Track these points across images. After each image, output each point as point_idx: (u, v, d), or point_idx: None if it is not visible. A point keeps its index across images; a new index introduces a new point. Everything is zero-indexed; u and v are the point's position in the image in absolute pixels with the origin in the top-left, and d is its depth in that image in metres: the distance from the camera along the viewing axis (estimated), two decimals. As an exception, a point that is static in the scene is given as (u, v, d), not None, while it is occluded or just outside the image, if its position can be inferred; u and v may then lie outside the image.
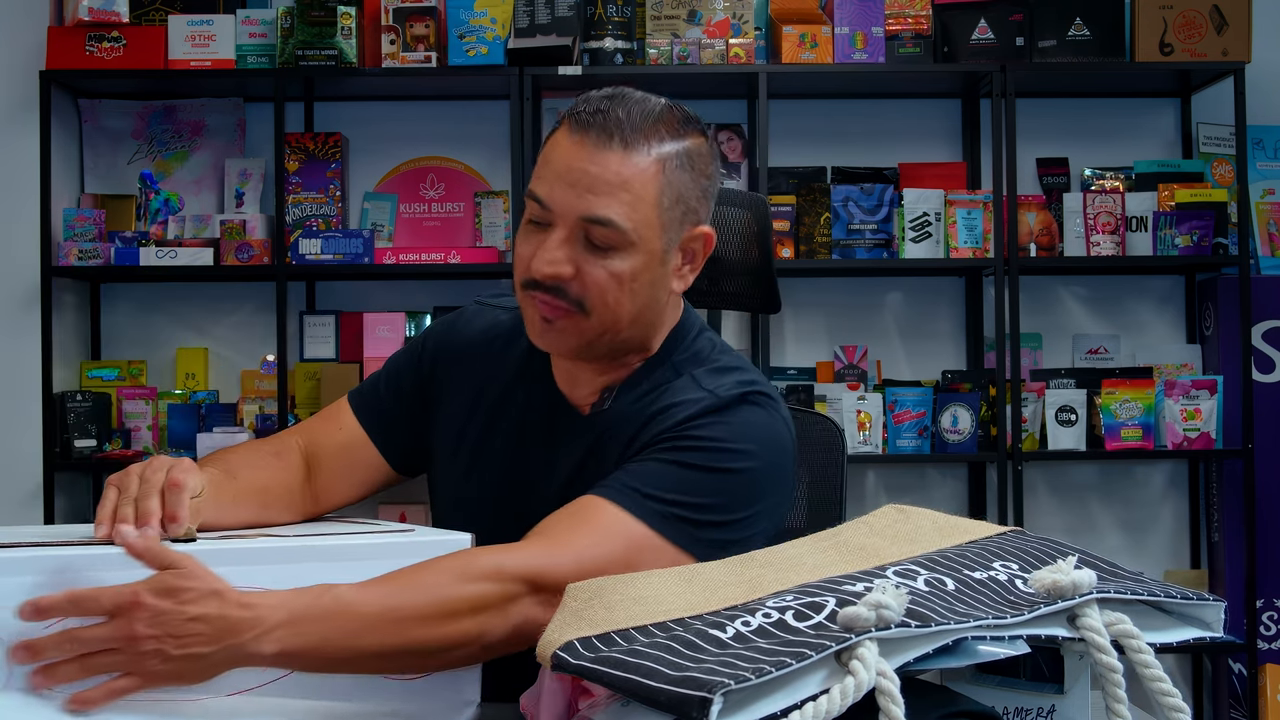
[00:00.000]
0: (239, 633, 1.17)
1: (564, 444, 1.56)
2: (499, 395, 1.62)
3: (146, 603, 1.15)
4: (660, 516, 1.39)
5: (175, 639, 1.15)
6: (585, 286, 1.46)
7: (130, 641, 1.15)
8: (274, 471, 1.54)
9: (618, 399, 1.54)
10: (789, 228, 3.79)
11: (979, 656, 1.02)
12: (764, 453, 1.47)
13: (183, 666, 1.16)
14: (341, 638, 1.21)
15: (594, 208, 1.44)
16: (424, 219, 3.98)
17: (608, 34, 3.71)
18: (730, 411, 1.48)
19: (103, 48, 3.71)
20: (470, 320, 1.69)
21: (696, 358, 1.56)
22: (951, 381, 3.79)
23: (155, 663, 1.15)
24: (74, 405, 3.68)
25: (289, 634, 1.19)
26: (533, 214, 1.48)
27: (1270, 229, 3.99)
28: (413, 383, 1.66)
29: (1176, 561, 4.02)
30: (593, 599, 1.11)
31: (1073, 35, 3.80)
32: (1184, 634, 1.12)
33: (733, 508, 1.43)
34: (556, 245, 1.45)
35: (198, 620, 1.16)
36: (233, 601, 1.18)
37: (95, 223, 3.74)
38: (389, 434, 1.65)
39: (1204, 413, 3.74)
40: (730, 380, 1.51)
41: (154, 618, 1.15)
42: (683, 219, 1.50)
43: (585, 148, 1.45)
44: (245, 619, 1.18)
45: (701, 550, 1.39)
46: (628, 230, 1.44)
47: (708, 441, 1.45)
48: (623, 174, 1.44)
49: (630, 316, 1.49)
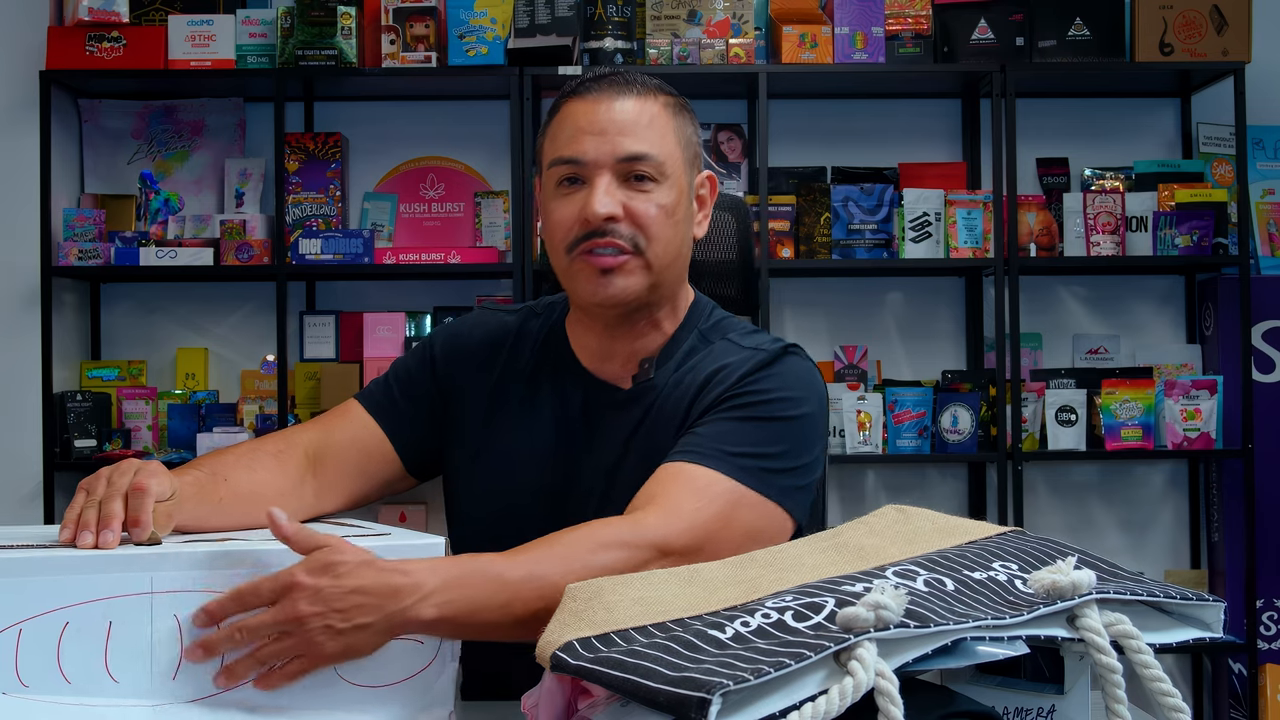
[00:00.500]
0: (400, 598, 1.21)
1: (607, 421, 1.60)
2: (524, 394, 1.64)
3: (305, 582, 1.19)
4: (746, 471, 1.46)
5: (340, 613, 1.19)
6: (637, 221, 1.54)
7: (297, 622, 1.18)
8: (267, 472, 1.53)
9: (659, 369, 1.60)
10: (789, 228, 3.79)
11: (978, 657, 1.02)
12: (814, 398, 1.57)
13: (352, 639, 1.20)
14: (493, 603, 1.26)
15: (629, 146, 1.53)
16: (424, 219, 3.98)
17: (608, 34, 3.71)
18: (779, 363, 1.56)
19: (103, 48, 3.71)
20: (475, 325, 1.71)
21: (720, 327, 1.65)
22: (951, 381, 3.79)
23: (325, 639, 1.19)
24: (74, 405, 3.68)
25: (445, 599, 1.23)
26: (564, 175, 1.56)
27: (1270, 229, 3.99)
28: (425, 386, 1.67)
29: (1176, 561, 4.02)
30: (593, 599, 1.11)
31: (1073, 35, 3.79)
32: (1183, 634, 1.12)
33: (800, 452, 1.52)
34: (604, 191, 1.53)
35: (358, 591, 1.20)
36: (388, 569, 1.22)
37: (95, 223, 3.74)
38: (402, 430, 1.65)
39: (1204, 413, 3.74)
40: (765, 339, 1.61)
41: (315, 595, 1.18)
42: (694, 161, 1.61)
43: (602, 101, 1.55)
44: (405, 585, 1.22)
45: (786, 499, 1.49)
46: (663, 162, 1.55)
47: (768, 394, 1.53)
48: (642, 114, 1.55)
49: (675, 251, 1.58)
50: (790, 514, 1.49)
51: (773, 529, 1.47)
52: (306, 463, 1.59)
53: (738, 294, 1.93)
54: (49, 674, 1.18)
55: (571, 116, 1.56)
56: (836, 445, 3.74)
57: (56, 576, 1.18)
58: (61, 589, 1.18)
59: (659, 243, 1.55)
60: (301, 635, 1.19)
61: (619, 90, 1.56)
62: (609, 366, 1.62)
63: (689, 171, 1.60)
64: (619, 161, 1.53)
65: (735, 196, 1.96)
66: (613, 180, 1.53)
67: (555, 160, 1.56)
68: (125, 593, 1.20)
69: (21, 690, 1.16)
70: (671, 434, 1.54)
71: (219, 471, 1.48)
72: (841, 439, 3.73)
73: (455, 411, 1.66)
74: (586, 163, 1.54)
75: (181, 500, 1.38)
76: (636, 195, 1.54)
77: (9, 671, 1.16)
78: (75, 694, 1.18)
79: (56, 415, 3.66)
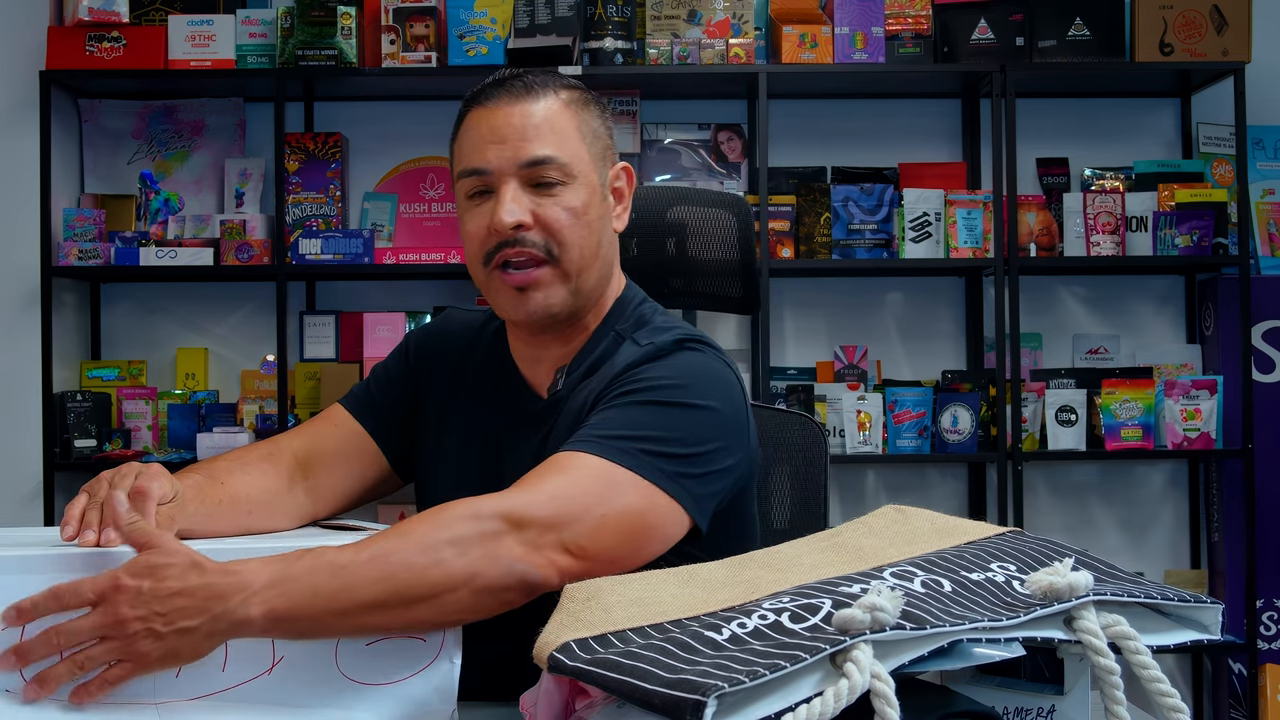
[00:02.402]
0: (224, 598, 1.17)
1: (524, 431, 1.60)
2: (471, 395, 1.65)
3: (127, 584, 1.15)
4: (623, 452, 1.40)
5: (161, 616, 1.15)
6: (548, 228, 1.51)
7: (118, 626, 1.15)
8: (260, 477, 1.54)
9: (568, 378, 1.58)
10: (789, 228, 3.78)
11: (974, 659, 1.02)
12: (710, 389, 1.50)
13: (175, 643, 1.16)
14: (329, 591, 1.21)
15: (530, 150, 1.51)
16: (424, 219, 3.98)
17: (608, 34, 3.71)
18: (670, 356, 1.53)
19: (103, 48, 3.71)
20: (445, 324, 1.73)
21: (638, 323, 1.60)
22: (951, 381, 3.79)
23: (147, 643, 1.15)
24: (74, 405, 3.68)
25: (275, 594, 1.19)
26: (471, 188, 1.54)
27: (1270, 229, 3.99)
28: (402, 385, 1.69)
29: (1176, 561, 4.02)
30: (590, 600, 1.11)
31: (1073, 35, 3.79)
32: (1181, 636, 1.12)
33: (690, 441, 1.44)
34: (510, 199, 1.50)
35: (180, 594, 1.16)
36: (214, 570, 1.18)
37: (95, 223, 3.74)
38: (384, 428, 1.67)
39: (1204, 413, 3.74)
40: (668, 335, 1.56)
41: (136, 598, 1.15)
42: (604, 155, 1.58)
43: (500, 109, 1.53)
44: (229, 584, 1.18)
45: (670, 484, 1.41)
46: (567, 163, 1.52)
47: (653, 381, 1.48)
48: (541, 116, 1.52)
49: (592, 253, 1.54)
50: (677, 500, 1.41)
51: (655, 516, 1.40)
52: (296, 466, 1.60)
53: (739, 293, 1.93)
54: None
55: (474, 126, 1.54)
56: (836, 445, 3.74)
57: (58, 575, 1.18)
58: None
59: (572, 247, 1.52)
60: (122, 639, 1.15)
61: (517, 95, 1.53)
62: (537, 371, 1.62)
63: (600, 166, 1.57)
64: (521, 168, 1.51)
65: (736, 195, 1.96)
66: (519, 188, 1.51)
67: (462, 172, 1.55)
68: None
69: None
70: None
71: (216, 476, 1.49)
72: (841, 439, 3.73)
73: (422, 409, 1.68)
74: (491, 172, 1.51)
75: (183, 503, 1.38)
76: (544, 200, 1.51)
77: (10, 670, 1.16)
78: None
79: (56, 415, 3.66)
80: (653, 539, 1.41)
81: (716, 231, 1.93)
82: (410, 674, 1.30)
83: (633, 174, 1.64)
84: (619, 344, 1.58)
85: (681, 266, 1.87)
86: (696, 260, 1.90)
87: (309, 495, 1.60)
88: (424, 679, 1.30)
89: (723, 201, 1.92)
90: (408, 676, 1.30)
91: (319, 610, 1.20)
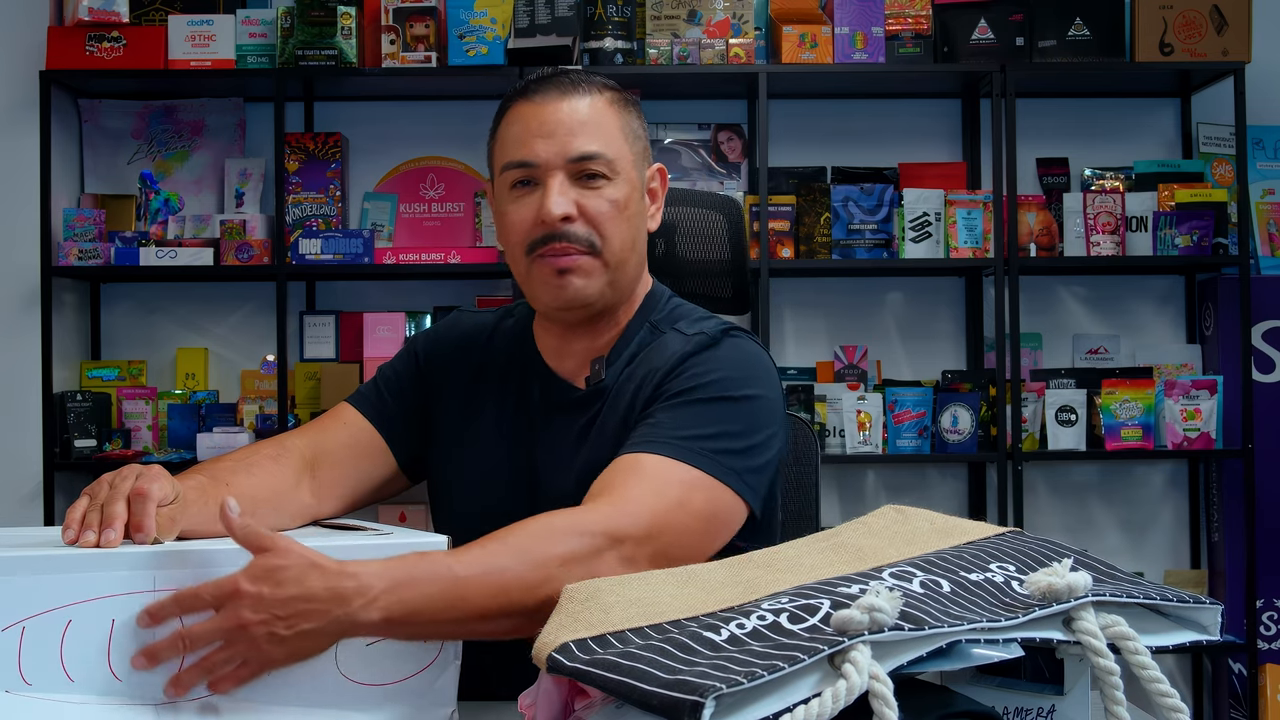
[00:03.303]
0: (346, 602, 1.20)
1: (564, 420, 1.62)
2: (495, 392, 1.66)
3: (247, 590, 1.18)
4: (696, 454, 1.46)
5: (283, 620, 1.18)
6: (592, 220, 1.56)
7: (240, 630, 1.17)
8: (266, 476, 1.54)
9: (608, 369, 1.61)
10: (789, 228, 3.78)
11: (972, 660, 1.02)
12: (759, 377, 1.57)
13: (297, 645, 1.19)
14: (444, 601, 1.24)
15: (578, 145, 1.55)
16: (424, 219, 3.98)
17: (608, 34, 3.71)
18: (718, 347, 1.58)
19: (103, 48, 3.71)
20: (453, 325, 1.75)
21: (672, 317, 1.66)
22: (951, 381, 3.79)
23: (271, 646, 1.18)
24: (74, 405, 3.68)
25: (394, 600, 1.21)
26: (516, 178, 1.57)
27: (1270, 229, 3.99)
28: (411, 386, 1.70)
29: (1176, 561, 4.02)
30: (589, 600, 1.11)
31: (1073, 35, 3.79)
32: (1180, 637, 1.12)
33: (751, 432, 1.51)
34: (557, 191, 1.54)
35: (301, 598, 1.18)
36: (334, 572, 1.20)
37: (95, 223, 3.74)
38: (394, 427, 1.68)
39: (1204, 413, 3.74)
40: (711, 324, 1.62)
41: (257, 603, 1.17)
42: (643, 155, 1.63)
43: (549, 103, 1.57)
44: (351, 589, 1.20)
45: (736, 481, 1.47)
46: (612, 159, 1.56)
47: (708, 376, 1.54)
48: (589, 113, 1.57)
49: (630, 247, 1.59)
50: (741, 496, 1.48)
51: (725, 512, 1.47)
52: (303, 465, 1.60)
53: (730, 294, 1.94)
54: (52, 672, 1.18)
55: (520, 119, 1.58)
56: (836, 445, 3.74)
57: (59, 575, 1.18)
58: (64, 587, 1.19)
59: (614, 239, 1.57)
60: (246, 643, 1.18)
61: (565, 91, 1.57)
62: (568, 364, 1.65)
63: (639, 166, 1.62)
64: (570, 161, 1.55)
65: (726, 196, 1.98)
66: (565, 180, 1.55)
67: (507, 164, 1.58)
68: (128, 591, 1.21)
69: (25, 688, 1.17)
70: (624, 429, 1.54)
71: (219, 476, 1.49)
72: (841, 439, 3.73)
73: (437, 411, 1.69)
74: (538, 165, 1.55)
75: (185, 504, 1.38)
76: (589, 193, 1.56)
77: (12, 669, 1.16)
78: (78, 692, 1.19)
79: (56, 415, 3.66)
80: (723, 534, 1.48)
81: (706, 232, 1.95)
82: (410, 674, 1.30)
83: (666, 176, 1.69)
84: (655, 335, 1.63)
85: (671, 266, 1.88)
86: (686, 260, 1.92)
87: (314, 494, 1.60)
88: (424, 679, 1.31)
89: (713, 202, 1.94)
90: (408, 677, 1.30)
91: (432, 617, 1.24)
